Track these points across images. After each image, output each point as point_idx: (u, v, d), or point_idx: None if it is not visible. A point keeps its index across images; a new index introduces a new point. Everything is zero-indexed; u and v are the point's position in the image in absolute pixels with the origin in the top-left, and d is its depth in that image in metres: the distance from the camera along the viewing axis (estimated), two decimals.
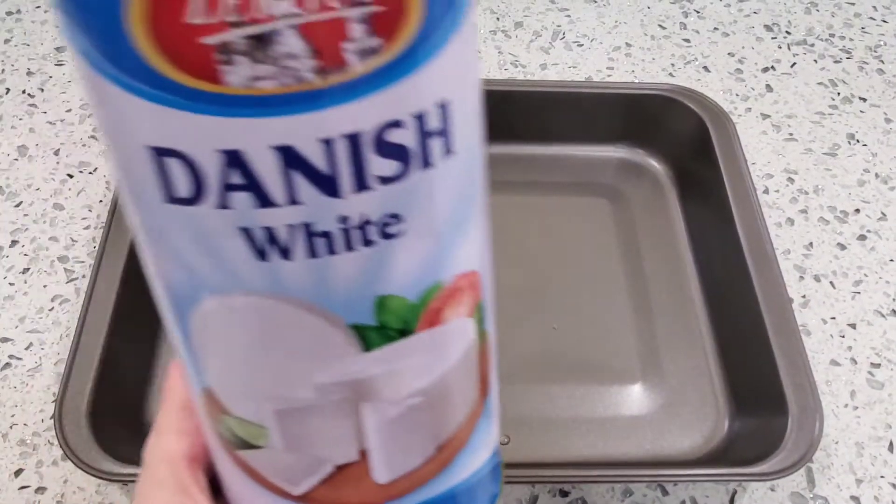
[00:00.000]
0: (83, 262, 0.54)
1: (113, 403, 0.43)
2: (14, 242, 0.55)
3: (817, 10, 0.75)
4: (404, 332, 0.21)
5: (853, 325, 0.53)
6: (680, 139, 0.58)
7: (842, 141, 0.64)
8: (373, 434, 0.22)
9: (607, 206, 0.57)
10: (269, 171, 0.17)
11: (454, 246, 0.21)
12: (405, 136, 0.18)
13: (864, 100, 0.67)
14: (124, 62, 0.16)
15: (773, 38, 0.72)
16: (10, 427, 0.46)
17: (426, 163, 0.19)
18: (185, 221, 0.18)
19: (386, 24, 0.16)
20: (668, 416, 0.47)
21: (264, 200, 0.18)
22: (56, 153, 0.60)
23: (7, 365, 0.49)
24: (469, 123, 0.20)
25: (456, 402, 0.24)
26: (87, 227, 0.56)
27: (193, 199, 0.18)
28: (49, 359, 0.49)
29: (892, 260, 0.56)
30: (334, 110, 0.17)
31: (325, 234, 0.18)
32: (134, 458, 0.40)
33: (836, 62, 0.70)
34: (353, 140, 0.17)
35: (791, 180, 0.61)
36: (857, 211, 0.59)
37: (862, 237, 0.57)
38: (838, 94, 0.67)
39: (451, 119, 0.19)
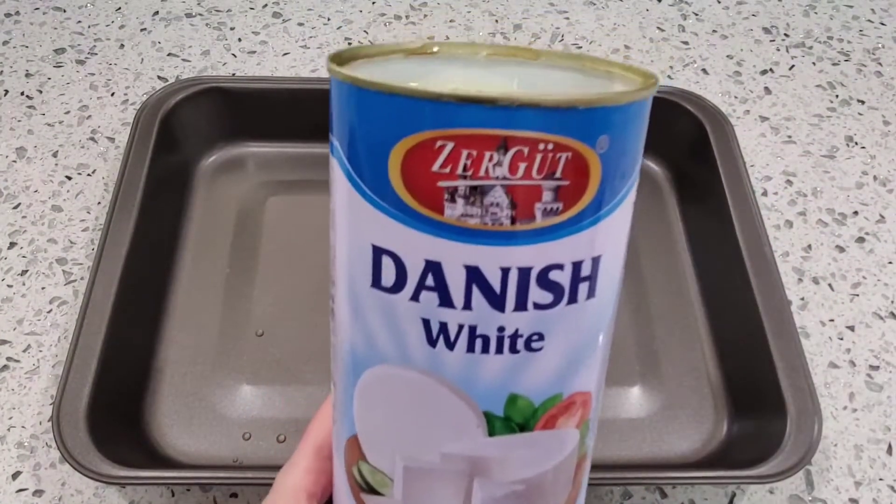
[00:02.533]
0: (81, 264, 0.54)
1: (111, 406, 0.43)
2: (12, 244, 0.55)
3: (815, 13, 0.75)
4: (523, 428, 0.25)
5: (852, 328, 0.53)
6: (678, 141, 0.58)
7: (840, 143, 0.64)
8: None
9: None
10: (456, 281, 0.23)
11: (577, 369, 0.26)
12: (562, 277, 0.23)
13: (863, 102, 0.67)
14: (380, 189, 0.22)
15: (771, 41, 0.72)
16: (8, 429, 0.46)
17: (572, 299, 0.24)
18: (382, 305, 0.24)
19: (569, 195, 0.22)
20: (667, 418, 0.47)
21: (446, 301, 0.23)
22: (54, 155, 0.60)
23: (5, 367, 0.49)
24: (612, 275, 0.25)
25: (548, 500, 0.28)
26: (86, 230, 0.56)
27: (393, 289, 0.23)
28: (47, 361, 0.49)
29: (890, 262, 0.56)
30: (515, 248, 0.22)
31: (484, 337, 0.24)
32: (132, 461, 0.40)
33: (834, 65, 0.70)
34: (524, 272, 0.23)
35: (790, 182, 0.61)
36: (856, 213, 0.59)
37: (860, 239, 0.57)
38: (836, 96, 0.67)
39: (599, 270, 0.24)
